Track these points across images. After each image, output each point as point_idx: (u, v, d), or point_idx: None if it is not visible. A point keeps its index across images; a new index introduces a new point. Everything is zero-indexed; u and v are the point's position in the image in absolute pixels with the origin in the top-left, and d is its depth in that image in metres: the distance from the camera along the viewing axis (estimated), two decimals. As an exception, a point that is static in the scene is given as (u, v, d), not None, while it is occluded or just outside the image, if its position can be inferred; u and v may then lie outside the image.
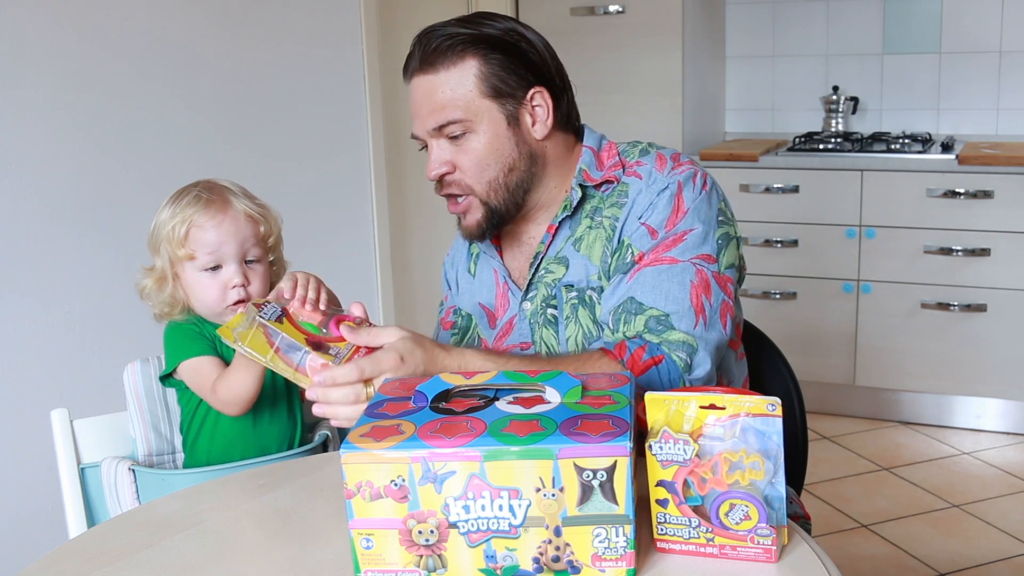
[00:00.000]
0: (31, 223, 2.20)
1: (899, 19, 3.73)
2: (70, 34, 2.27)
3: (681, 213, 1.43)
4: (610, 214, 1.49)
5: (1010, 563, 2.60)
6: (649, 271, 1.42)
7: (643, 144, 1.54)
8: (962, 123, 3.72)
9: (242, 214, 1.48)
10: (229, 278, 1.46)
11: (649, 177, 1.47)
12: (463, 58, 1.43)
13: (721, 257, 1.44)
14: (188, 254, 1.45)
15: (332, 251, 3.01)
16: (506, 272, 1.58)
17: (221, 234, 1.46)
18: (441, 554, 1.03)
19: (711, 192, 1.47)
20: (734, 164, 3.53)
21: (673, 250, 1.42)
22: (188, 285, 1.48)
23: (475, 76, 1.43)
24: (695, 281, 1.41)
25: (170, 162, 2.48)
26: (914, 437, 3.41)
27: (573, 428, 1.02)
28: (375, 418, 1.08)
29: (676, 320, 1.39)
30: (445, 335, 1.67)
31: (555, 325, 1.50)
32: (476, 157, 1.45)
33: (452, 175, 1.47)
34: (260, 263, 1.51)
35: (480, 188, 1.47)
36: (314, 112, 2.93)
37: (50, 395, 2.22)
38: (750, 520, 1.05)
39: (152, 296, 1.51)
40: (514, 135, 1.46)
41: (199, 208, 1.46)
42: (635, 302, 1.41)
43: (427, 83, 1.45)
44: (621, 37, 3.57)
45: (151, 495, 1.44)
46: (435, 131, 1.46)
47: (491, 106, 1.44)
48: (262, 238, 1.51)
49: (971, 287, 3.30)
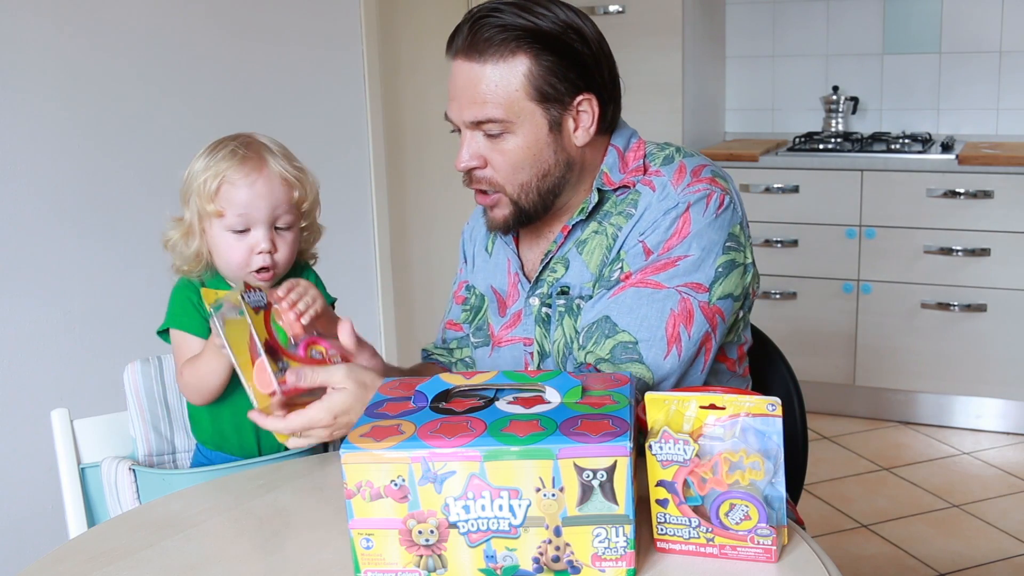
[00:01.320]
0: (31, 223, 2.20)
1: (899, 19, 3.73)
2: (70, 34, 2.27)
3: (681, 236, 1.37)
4: (616, 222, 1.44)
5: (1010, 563, 2.60)
6: (631, 292, 1.38)
7: (670, 149, 1.47)
8: (962, 123, 3.72)
9: (277, 176, 1.41)
10: (256, 242, 1.40)
11: (662, 191, 1.41)
12: (514, 54, 1.34)
13: (715, 287, 1.38)
14: (217, 210, 1.39)
15: (332, 251, 3.00)
16: (519, 263, 1.54)
17: (253, 195, 1.39)
18: (441, 554, 1.03)
19: (724, 214, 1.40)
20: (734, 164, 3.53)
21: (661, 274, 1.37)
22: (214, 242, 1.42)
23: (523, 75, 1.34)
24: (676, 310, 1.36)
25: (170, 162, 2.47)
26: (914, 437, 3.41)
27: (573, 428, 1.02)
28: (375, 418, 1.08)
29: (644, 348, 1.35)
30: (457, 309, 1.65)
31: (547, 324, 1.48)
32: (511, 159, 1.38)
33: (483, 171, 1.40)
34: (290, 230, 1.44)
35: (511, 189, 1.41)
36: (314, 112, 2.93)
37: (50, 395, 2.22)
38: (750, 520, 1.05)
39: (177, 248, 1.45)
40: (554, 141, 1.39)
41: (233, 164, 1.39)
42: (609, 322, 1.38)
43: (471, 71, 1.35)
44: (621, 37, 3.56)
45: (151, 495, 1.44)
46: (472, 124, 1.38)
47: (535, 109, 1.36)
48: (296, 203, 1.44)
49: (971, 287, 3.30)
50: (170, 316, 1.46)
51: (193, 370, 1.41)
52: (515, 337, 1.54)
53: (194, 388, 1.43)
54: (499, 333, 1.56)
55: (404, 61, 3.36)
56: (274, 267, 1.43)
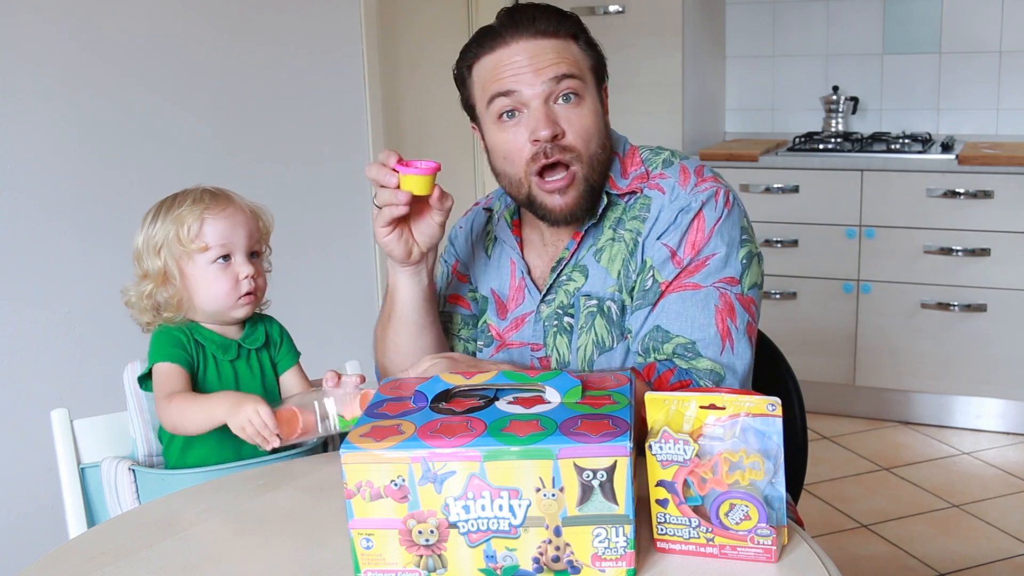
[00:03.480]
0: (31, 224, 2.20)
1: (899, 19, 3.73)
2: (69, 37, 2.26)
3: (703, 236, 1.43)
4: (632, 227, 1.47)
5: (1010, 563, 2.60)
6: (673, 298, 1.42)
7: (665, 153, 1.53)
8: (962, 123, 3.72)
9: (247, 207, 1.51)
10: (239, 269, 1.47)
11: (672, 192, 1.46)
12: (573, 37, 1.45)
13: (744, 278, 1.44)
14: (201, 247, 1.45)
15: (332, 252, 3.01)
16: (525, 267, 1.56)
17: (232, 224, 1.47)
18: (441, 554, 1.04)
19: (733, 210, 1.46)
20: (734, 164, 3.53)
21: (696, 276, 1.42)
22: (195, 281, 1.46)
23: (582, 52, 1.45)
24: (719, 305, 1.41)
25: (170, 163, 2.48)
26: (914, 437, 3.41)
27: (573, 428, 1.02)
28: (375, 418, 1.08)
29: (703, 348, 1.40)
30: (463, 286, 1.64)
31: (569, 334, 1.49)
32: (585, 125, 1.43)
33: (563, 139, 1.42)
34: (261, 258, 1.53)
35: (587, 159, 1.44)
36: (314, 113, 2.93)
37: (50, 395, 2.22)
38: (750, 520, 1.05)
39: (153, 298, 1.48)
40: (603, 116, 1.48)
41: (207, 202, 1.47)
42: (661, 330, 1.41)
43: (541, 45, 1.42)
44: (621, 37, 3.57)
45: (151, 495, 1.44)
46: (554, 82, 1.41)
47: (592, 81, 1.46)
48: (263, 233, 1.53)
49: (971, 287, 3.30)
50: (154, 353, 1.47)
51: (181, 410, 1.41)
52: (522, 341, 1.55)
53: (174, 424, 1.43)
54: (504, 334, 1.57)
55: (404, 61, 3.36)
56: (256, 291, 1.49)
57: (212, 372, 1.48)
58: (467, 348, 1.62)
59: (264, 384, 1.53)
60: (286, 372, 1.55)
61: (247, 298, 1.48)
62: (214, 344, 1.49)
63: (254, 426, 1.33)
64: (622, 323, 1.47)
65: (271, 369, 1.54)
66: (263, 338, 1.54)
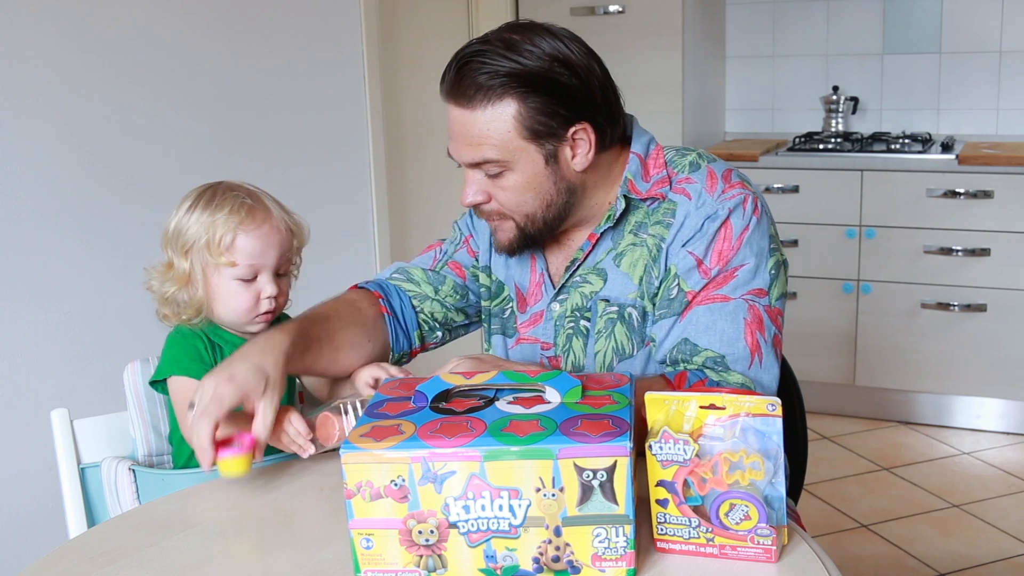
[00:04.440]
0: (31, 224, 2.20)
1: (899, 19, 3.73)
2: (69, 37, 2.26)
3: (730, 245, 1.40)
4: (655, 232, 1.44)
5: (1010, 563, 2.60)
6: (701, 310, 1.40)
7: (692, 155, 1.48)
8: (962, 123, 3.72)
9: (284, 225, 1.48)
10: (263, 288, 1.46)
11: (698, 199, 1.42)
12: (501, 98, 1.34)
13: (772, 289, 1.41)
14: (230, 261, 1.43)
15: (332, 251, 3.01)
16: (545, 263, 1.55)
17: (265, 244, 1.45)
18: (441, 554, 1.04)
19: (762, 218, 1.43)
20: (734, 164, 3.51)
21: (725, 287, 1.40)
22: (217, 291, 1.46)
23: (513, 118, 1.35)
24: (748, 319, 1.39)
25: (170, 163, 2.48)
26: (914, 437, 3.41)
27: (573, 428, 1.02)
28: (375, 418, 1.08)
29: (732, 362, 1.38)
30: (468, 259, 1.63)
31: (586, 337, 1.48)
32: (513, 194, 1.41)
33: (489, 205, 1.43)
34: (288, 275, 1.52)
35: (518, 218, 1.44)
36: (314, 113, 2.93)
37: (50, 395, 2.22)
38: (750, 520, 1.05)
39: (175, 299, 1.48)
40: (553, 173, 1.40)
41: (244, 215, 1.44)
42: (689, 343, 1.39)
43: (462, 117, 1.38)
44: (621, 37, 3.57)
45: (151, 495, 1.44)
46: (471, 165, 1.41)
47: (529, 147, 1.37)
48: (295, 251, 1.52)
49: (971, 287, 3.30)
50: (168, 364, 1.46)
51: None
52: (534, 337, 1.54)
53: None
54: (521, 328, 1.57)
55: (404, 61, 3.36)
56: (276, 309, 1.49)
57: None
58: (447, 316, 1.61)
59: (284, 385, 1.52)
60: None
61: (264, 316, 1.48)
62: (233, 346, 1.48)
63: (288, 435, 1.34)
64: (643, 330, 1.45)
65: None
66: None
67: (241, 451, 1.26)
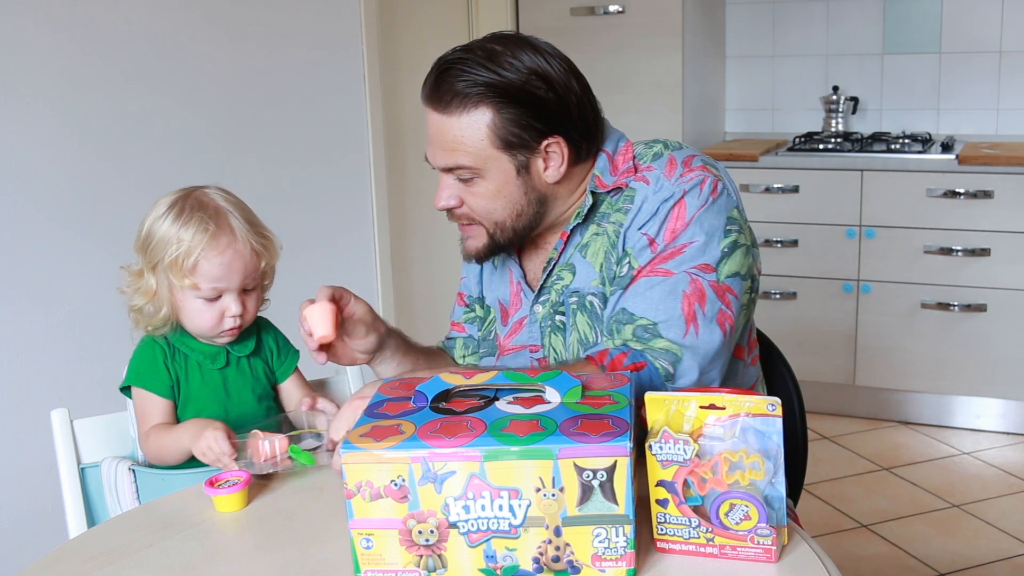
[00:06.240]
0: (31, 224, 2.20)
1: (899, 19, 3.73)
2: (69, 37, 2.26)
3: (682, 223, 1.40)
4: (615, 220, 1.46)
5: (1010, 563, 2.60)
6: (642, 282, 1.41)
7: (658, 146, 1.50)
8: (962, 123, 3.71)
9: (249, 248, 1.47)
10: (227, 307, 1.47)
11: (656, 183, 1.44)
12: (477, 106, 1.38)
13: (722, 266, 1.40)
14: (193, 283, 1.44)
15: (332, 252, 3.01)
16: (521, 273, 1.58)
17: (227, 269, 1.45)
18: (441, 554, 1.04)
19: (720, 198, 1.42)
20: (734, 164, 3.53)
21: (669, 262, 1.40)
22: (182, 307, 1.48)
23: (487, 126, 1.39)
24: (687, 291, 1.39)
25: (169, 163, 2.48)
26: (914, 437, 3.41)
27: (573, 428, 1.02)
28: (375, 418, 1.08)
29: (664, 329, 1.38)
30: (459, 310, 1.70)
31: (563, 332, 1.50)
32: (484, 200, 1.44)
33: (460, 209, 1.47)
34: (255, 291, 1.52)
35: (488, 225, 1.47)
36: (314, 113, 2.93)
37: (50, 395, 2.22)
38: (750, 520, 1.05)
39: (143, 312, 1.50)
40: (524, 183, 1.44)
41: (206, 240, 1.44)
42: (626, 312, 1.41)
43: (439, 121, 1.41)
44: (621, 37, 3.57)
45: (151, 495, 1.44)
46: (445, 169, 1.45)
47: (501, 156, 1.41)
48: (262, 271, 1.51)
49: (971, 287, 3.30)
50: (132, 374, 1.50)
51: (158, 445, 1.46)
52: (519, 345, 1.56)
53: (156, 456, 1.48)
54: (503, 341, 1.59)
55: (404, 61, 3.36)
56: (242, 324, 1.50)
57: (196, 381, 1.50)
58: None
59: (255, 391, 1.53)
60: (286, 380, 1.57)
61: (230, 332, 1.49)
62: (200, 354, 1.51)
63: (214, 452, 1.37)
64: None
65: (264, 376, 1.55)
66: (253, 344, 1.55)
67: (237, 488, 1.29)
